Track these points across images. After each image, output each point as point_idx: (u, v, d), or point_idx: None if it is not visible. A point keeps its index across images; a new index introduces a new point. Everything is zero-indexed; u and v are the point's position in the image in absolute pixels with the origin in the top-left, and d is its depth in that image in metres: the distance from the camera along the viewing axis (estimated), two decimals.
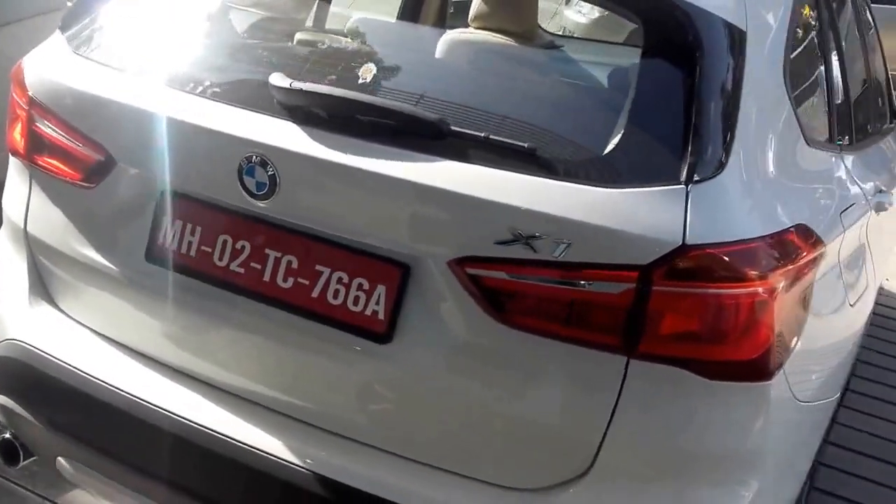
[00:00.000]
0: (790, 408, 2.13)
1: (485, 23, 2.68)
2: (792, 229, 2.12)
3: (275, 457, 2.16)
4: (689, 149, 1.99)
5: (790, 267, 2.07)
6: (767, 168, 2.17)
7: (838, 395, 2.45)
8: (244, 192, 2.12)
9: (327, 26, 3.24)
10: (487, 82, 2.36)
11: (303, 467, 2.14)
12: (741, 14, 2.17)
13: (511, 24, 2.66)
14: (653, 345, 1.97)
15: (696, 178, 1.97)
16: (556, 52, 2.54)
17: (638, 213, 1.94)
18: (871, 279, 2.84)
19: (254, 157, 2.09)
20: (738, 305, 1.98)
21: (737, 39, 2.16)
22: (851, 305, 2.48)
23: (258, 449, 2.18)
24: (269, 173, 2.09)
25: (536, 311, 2.00)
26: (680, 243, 1.90)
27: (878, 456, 3.95)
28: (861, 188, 2.80)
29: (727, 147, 2.03)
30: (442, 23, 3.61)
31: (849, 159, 2.86)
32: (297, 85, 2.12)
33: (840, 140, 2.90)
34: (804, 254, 2.13)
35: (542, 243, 1.93)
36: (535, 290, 1.99)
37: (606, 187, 1.96)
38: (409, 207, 2.05)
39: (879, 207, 2.94)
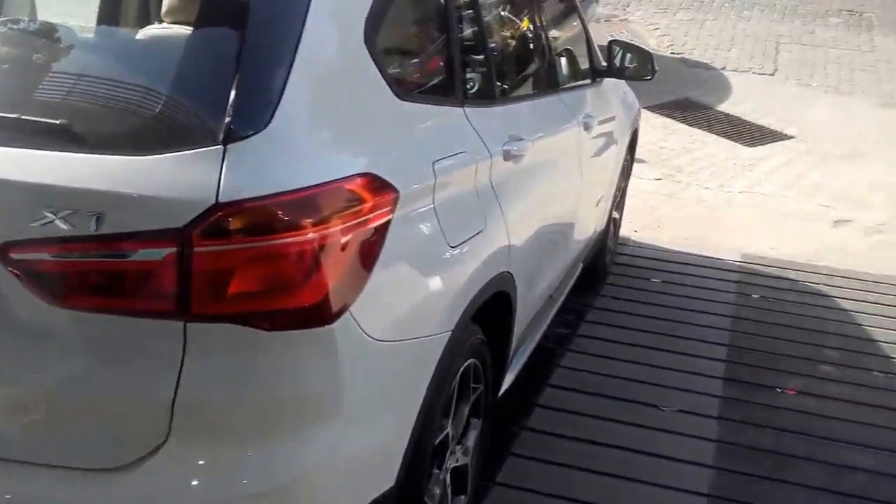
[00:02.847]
0: (366, 348, 2.12)
1: (176, 17, 2.59)
2: (353, 178, 2.10)
3: None
4: (229, 110, 1.97)
5: (347, 213, 2.06)
6: (329, 123, 2.16)
7: (448, 331, 2.45)
8: None
9: None
10: (44, 71, 2.28)
11: None
12: None
13: None
14: (205, 305, 1.94)
15: (235, 137, 1.95)
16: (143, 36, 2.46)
17: (173, 178, 1.91)
18: (502, 222, 2.85)
19: None
20: (286, 255, 1.96)
21: (296, 4, 2.14)
22: (453, 247, 2.49)
23: None
24: None
25: (87, 287, 1.95)
26: (213, 202, 1.89)
27: (597, 392, 4.03)
28: (482, 139, 2.81)
29: (274, 106, 2.02)
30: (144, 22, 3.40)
31: (476, 112, 2.86)
32: None
33: (468, 94, 2.91)
34: (367, 201, 2.12)
35: (78, 218, 1.88)
36: (81, 267, 1.94)
37: (142, 155, 1.93)
38: None
39: (507, 156, 2.95)
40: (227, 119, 1.96)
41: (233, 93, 1.98)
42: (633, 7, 12.72)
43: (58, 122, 1.97)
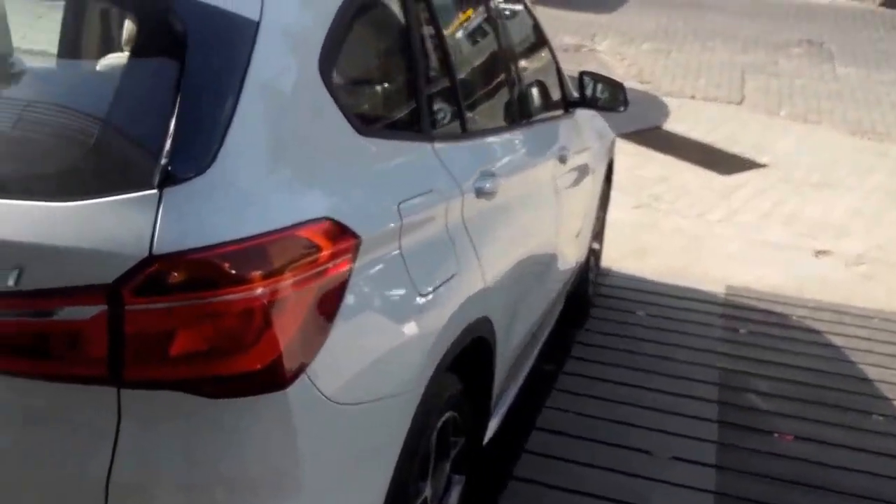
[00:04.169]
0: (326, 413, 1.82)
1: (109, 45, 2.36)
2: (308, 224, 1.83)
3: None
4: (166, 150, 1.70)
5: (302, 263, 1.78)
6: (280, 163, 1.87)
7: (421, 387, 2.16)
8: None
9: None
10: None
11: None
12: (253, 6, 1.89)
13: None
14: (141, 370, 1.66)
15: (172, 180, 1.68)
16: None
17: (102, 227, 1.65)
18: (477, 263, 2.56)
19: None
20: (231, 313, 1.67)
21: (241, 32, 1.87)
22: (423, 295, 2.19)
23: None
24: None
25: (5, 350, 1.67)
26: (146, 254, 1.62)
27: (585, 436, 3.72)
28: (452, 175, 2.52)
29: (218, 144, 1.75)
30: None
31: (445, 147, 2.59)
32: None
33: (437, 128, 2.65)
34: (324, 248, 1.83)
35: None
36: None
37: (68, 201, 1.67)
38: None
39: (480, 192, 2.67)
40: (164, 160, 1.69)
41: (170, 130, 1.71)
42: (600, 37, 12.55)
43: None
